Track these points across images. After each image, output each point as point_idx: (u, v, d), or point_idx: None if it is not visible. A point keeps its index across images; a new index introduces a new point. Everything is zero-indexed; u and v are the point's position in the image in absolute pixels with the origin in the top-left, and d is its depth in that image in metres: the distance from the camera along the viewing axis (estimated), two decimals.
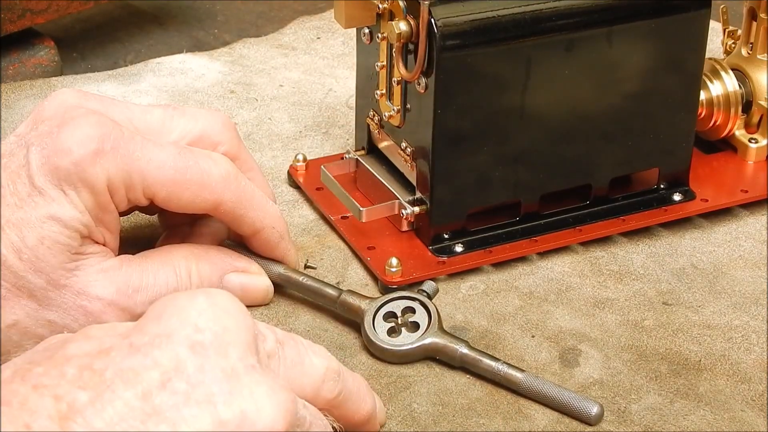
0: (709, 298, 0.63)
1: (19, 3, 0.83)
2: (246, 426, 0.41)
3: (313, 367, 0.47)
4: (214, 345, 0.42)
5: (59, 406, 0.40)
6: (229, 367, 0.42)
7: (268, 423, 0.41)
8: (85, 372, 0.41)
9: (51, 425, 0.39)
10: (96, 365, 0.41)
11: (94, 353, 0.42)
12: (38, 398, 0.40)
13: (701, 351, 0.59)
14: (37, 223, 0.54)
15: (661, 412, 0.55)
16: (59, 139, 0.54)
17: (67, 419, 0.39)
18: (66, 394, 0.40)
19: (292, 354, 0.46)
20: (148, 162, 0.55)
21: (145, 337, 0.42)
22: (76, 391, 0.40)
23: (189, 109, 0.60)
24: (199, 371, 0.41)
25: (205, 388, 0.41)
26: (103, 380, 0.40)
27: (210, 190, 0.56)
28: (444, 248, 0.64)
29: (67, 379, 0.41)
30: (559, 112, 0.64)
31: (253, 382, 0.42)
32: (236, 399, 0.41)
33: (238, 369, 0.42)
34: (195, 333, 0.42)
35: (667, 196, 0.69)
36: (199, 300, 0.43)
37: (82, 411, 0.40)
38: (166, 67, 0.83)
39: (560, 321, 0.61)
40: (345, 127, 0.77)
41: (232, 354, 0.42)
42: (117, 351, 0.42)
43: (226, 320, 0.43)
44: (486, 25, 0.61)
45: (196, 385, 0.41)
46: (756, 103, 0.72)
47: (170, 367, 0.41)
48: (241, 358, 0.42)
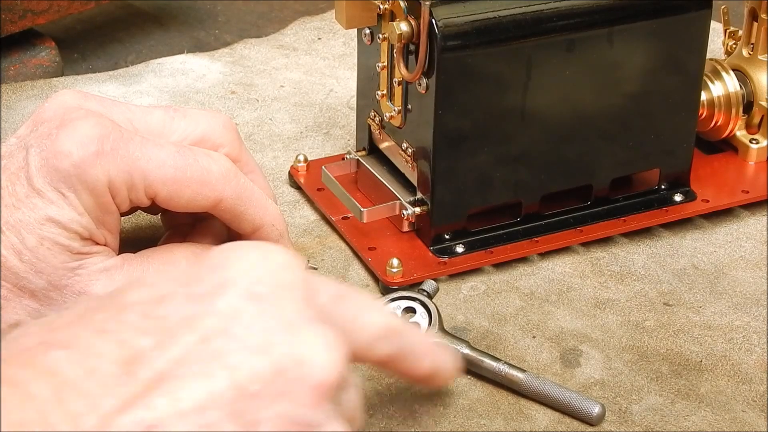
0: (710, 298, 0.63)
1: (20, 3, 0.83)
2: (302, 375, 0.42)
3: (369, 323, 0.47)
4: (271, 297, 0.43)
5: (123, 350, 0.41)
6: (286, 318, 0.43)
7: (323, 374, 0.42)
8: (146, 319, 0.42)
9: (115, 368, 0.40)
10: (157, 312, 0.42)
11: (154, 300, 0.43)
12: (102, 343, 0.41)
13: (702, 351, 0.59)
14: (36, 225, 0.54)
15: (662, 412, 0.55)
16: (58, 142, 0.54)
17: (131, 363, 0.40)
18: (129, 339, 0.41)
19: (349, 308, 0.47)
20: (148, 161, 0.55)
21: (204, 286, 0.43)
22: (139, 336, 0.41)
23: (190, 111, 0.60)
24: (256, 320, 0.42)
25: (263, 336, 0.42)
26: (164, 326, 0.42)
27: (210, 187, 0.57)
28: (445, 249, 0.64)
29: (129, 325, 0.42)
30: (560, 113, 0.64)
31: (310, 333, 0.43)
32: (293, 348, 0.42)
33: (295, 320, 0.43)
34: (253, 284, 0.43)
35: (668, 196, 0.69)
36: (256, 252, 0.44)
37: (146, 355, 0.41)
38: (167, 67, 0.84)
39: (561, 321, 0.61)
40: (346, 127, 0.77)
41: (288, 306, 0.43)
42: (177, 298, 0.43)
43: (282, 273, 0.44)
44: (487, 26, 0.61)
45: (254, 333, 0.42)
46: (757, 104, 0.72)
47: (229, 314, 0.42)
48: (298, 310, 0.43)
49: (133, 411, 0.40)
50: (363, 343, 0.47)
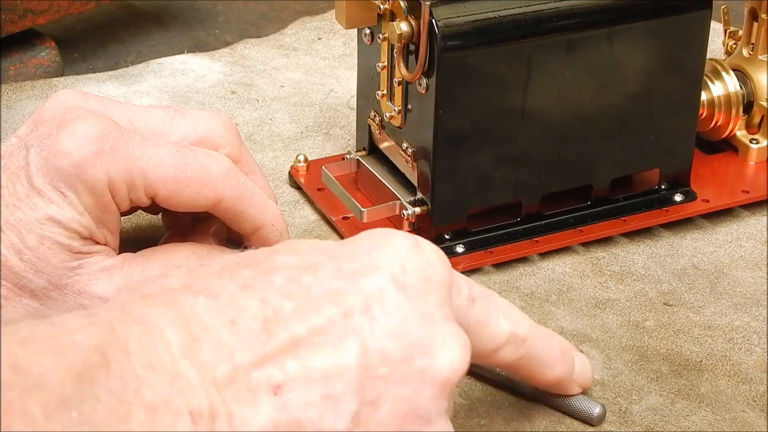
0: (710, 298, 0.63)
1: (20, 3, 0.83)
2: (429, 367, 0.43)
3: (497, 330, 0.48)
4: (416, 289, 0.44)
5: (265, 309, 0.42)
6: (427, 312, 0.44)
7: (449, 372, 0.44)
8: (292, 283, 0.43)
9: (255, 325, 0.41)
10: (303, 279, 0.43)
11: (301, 267, 0.44)
12: (246, 298, 0.42)
13: (702, 351, 0.59)
14: (36, 225, 0.54)
15: (662, 412, 0.55)
16: (58, 141, 0.54)
17: (270, 322, 0.42)
18: (272, 300, 0.42)
19: (480, 312, 0.48)
20: (148, 161, 0.55)
21: (354, 265, 0.44)
22: (283, 299, 0.42)
23: (190, 111, 0.60)
24: (399, 307, 0.43)
25: (402, 324, 0.43)
26: (308, 294, 0.43)
27: (210, 186, 0.57)
28: (445, 249, 0.64)
29: (274, 287, 0.43)
30: (560, 113, 0.64)
31: (446, 331, 0.44)
32: (427, 340, 0.43)
33: (436, 316, 0.44)
34: (402, 274, 0.44)
35: (668, 196, 0.69)
36: (410, 244, 0.45)
37: (287, 318, 0.42)
38: (167, 67, 0.84)
39: (561, 321, 0.61)
40: (346, 127, 0.77)
41: (431, 301, 0.44)
42: (324, 270, 0.44)
43: (429, 270, 0.45)
44: (487, 26, 0.61)
45: (394, 319, 0.43)
46: (757, 104, 0.72)
47: (374, 296, 0.43)
48: (439, 306, 0.44)
49: (264, 368, 0.41)
50: (488, 348, 0.48)
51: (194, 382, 0.40)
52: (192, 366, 0.40)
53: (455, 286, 0.46)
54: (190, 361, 0.40)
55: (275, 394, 0.41)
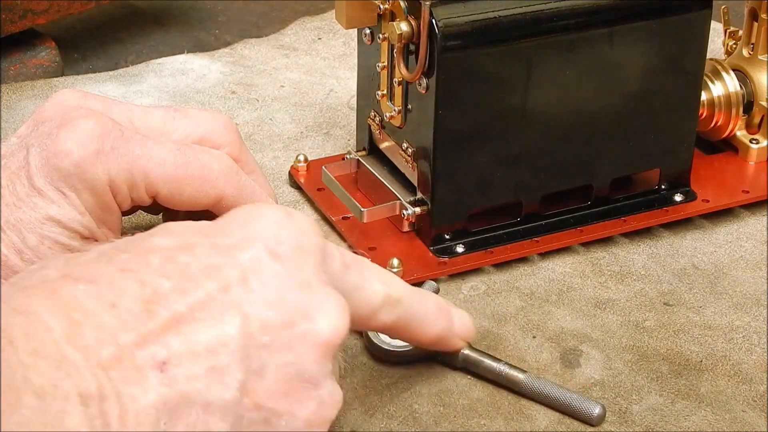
0: (711, 298, 0.63)
1: (20, 3, 0.83)
2: (310, 331, 0.44)
3: (372, 293, 0.50)
4: (291, 257, 0.45)
5: (144, 290, 0.43)
6: (304, 278, 0.45)
7: (330, 334, 0.45)
8: (169, 263, 0.44)
9: (135, 306, 0.42)
10: (180, 258, 0.44)
11: (177, 247, 0.44)
12: (124, 280, 0.43)
13: (702, 351, 0.59)
14: (36, 224, 0.54)
15: (662, 412, 0.55)
16: (59, 141, 0.54)
17: (150, 302, 0.42)
18: (151, 281, 0.43)
19: (354, 277, 0.49)
20: (149, 160, 0.55)
21: (228, 239, 0.45)
22: (161, 278, 0.43)
23: (191, 111, 0.60)
24: (275, 276, 0.44)
25: (280, 292, 0.44)
26: (186, 272, 0.43)
27: (211, 185, 0.57)
28: (445, 249, 0.64)
29: (152, 267, 0.43)
30: (560, 113, 0.64)
31: (322, 294, 0.45)
32: (305, 306, 0.45)
33: (312, 282, 0.45)
34: (276, 244, 0.45)
35: (668, 196, 0.69)
36: (281, 215, 0.46)
37: (166, 296, 0.43)
38: (168, 67, 0.84)
39: (561, 321, 0.61)
40: (346, 127, 0.77)
41: (307, 268, 0.45)
42: (200, 248, 0.44)
43: (302, 238, 0.46)
44: (487, 26, 0.61)
45: (271, 288, 0.44)
46: (757, 104, 0.72)
47: (250, 268, 0.44)
48: (314, 273, 0.45)
49: (148, 346, 0.41)
50: (365, 312, 0.50)
51: (80, 365, 0.40)
52: (76, 350, 0.40)
53: (329, 253, 0.47)
54: (74, 345, 0.40)
55: (161, 370, 0.41)
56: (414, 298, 0.52)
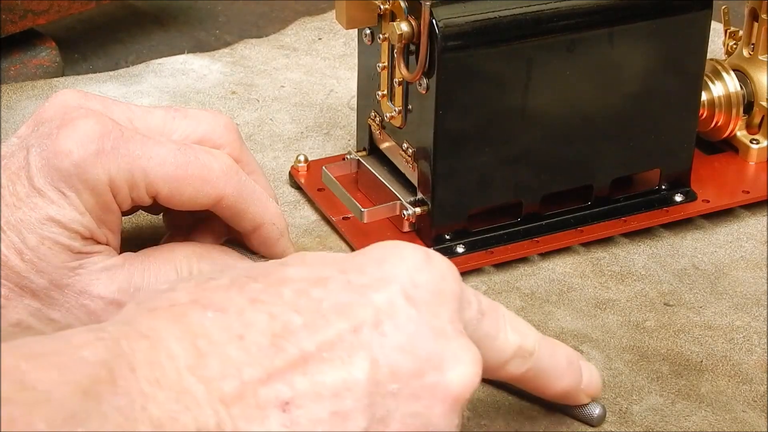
0: (711, 298, 0.63)
1: (21, 4, 0.83)
2: (440, 383, 0.43)
3: (505, 343, 0.48)
4: (427, 303, 0.44)
5: (273, 324, 0.41)
6: (439, 326, 0.43)
7: (461, 387, 0.43)
8: (302, 297, 0.42)
9: (263, 340, 0.41)
10: (313, 293, 0.42)
11: (311, 280, 0.43)
12: (254, 312, 0.41)
13: (703, 352, 0.59)
14: (36, 225, 0.54)
15: (662, 412, 0.55)
16: (59, 141, 0.54)
17: (279, 337, 0.41)
18: (281, 314, 0.42)
19: (489, 326, 0.47)
20: (149, 159, 0.55)
21: (364, 278, 0.43)
22: (292, 313, 0.42)
23: (191, 111, 0.60)
24: (409, 321, 0.43)
25: (412, 339, 0.43)
26: (318, 308, 0.42)
27: (212, 184, 0.57)
28: (445, 249, 0.64)
29: (283, 300, 0.42)
30: (560, 113, 0.64)
31: (457, 345, 0.44)
32: (438, 356, 0.43)
33: (447, 331, 0.44)
34: (413, 287, 0.44)
35: (669, 196, 0.69)
36: (420, 257, 0.45)
37: (295, 333, 0.41)
38: (168, 67, 0.84)
39: (562, 322, 0.61)
40: (346, 127, 0.77)
41: (442, 315, 0.44)
42: (334, 284, 0.43)
43: (441, 283, 0.44)
44: (487, 26, 0.61)
45: (404, 333, 0.43)
46: (757, 104, 0.72)
47: (384, 310, 0.43)
48: (451, 321, 0.44)
49: (273, 384, 0.40)
50: (496, 362, 0.48)
51: (201, 398, 0.39)
52: (199, 381, 0.39)
53: (465, 300, 0.46)
54: (197, 376, 0.40)
55: (284, 410, 0.40)
56: (546, 351, 0.50)
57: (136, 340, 0.40)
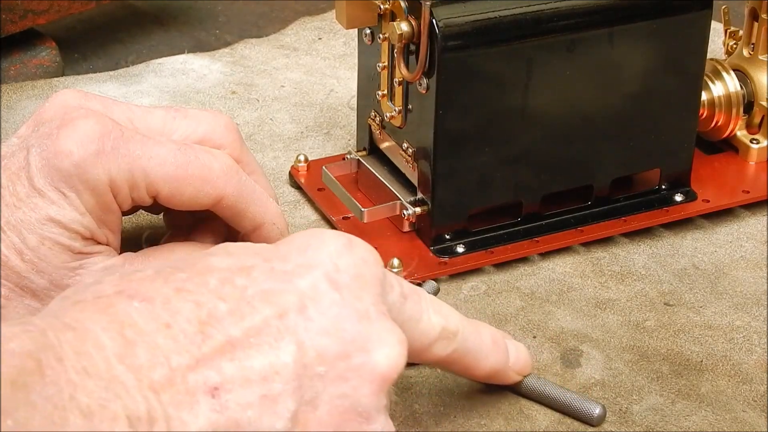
0: (711, 298, 0.63)
1: (21, 3, 0.83)
2: (367, 366, 0.44)
3: (429, 325, 0.49)
4: (350, 287, 0.44)
5: (200, 312, 0.42)
6: (363, 309, 0.44)
7: (387, 368, 0.44)
8: (226, 285, 0.43)
9: (190, 327, 0.41)
10: (237, 281, 0.43)
11: (235, 269, 0.44)
12: (180, 301, 0.42)
13: (703, 352, 0.59)
14: (36, 225, 0.54)
15: (662, 412, 0.55)
16: (59, 141, 0.54)
17: (206, 325, 0.42)
18: (207, 302, 0.42)
19: (412, 309, 0.48)
20: (149, 159, 0.55)
21: (287, 265, 0.44)
22: (217, 301, 0.42)
23: (191, 111, 0.60)
24: (333, 305, 0.44)
25: (337, 322, 0.43)
26: (243, 296, 0.43)
27: (212, 184, 0.57)
28: (445, 249, 0.64)
29: (208, 289, 0.43)
30: (560, 113, 0.64)
31: (382, 327, 0.44)
32: (363, 337, 0.44)
33: (371, 313, 0.44)
34: (335, 272, 0.44)
35: (669, 196, 0.69)
36: (342, 242, 0.45)
37: (222, 320, 0.42)
38: (168, 67, 0.84)
39: (562, 321, 0.61)
40: (346, 127, 0.77)
41: (366, 298, 0.44)
42: (258, 272, 0.44)
43: (363, 267, 0.45)
44: (487, 26, 0.61)
45: (329, 317, 0.43)
46: (757, 104, 0.72)
47: (308, 295, 0.43)
48: (374, 304, 0.45)
49: (201, 370, 0.41)
50: (421, 344, 0.49)
51: (131, 386, 0.39)
52: (128, 370, 0.40)
53: (387, 284, 0.47)
54: (126, 365, 0.40)
55: (213, 396, 0.41)
56: (470, 332, 0.51)
57: (63, 331, 0.40)
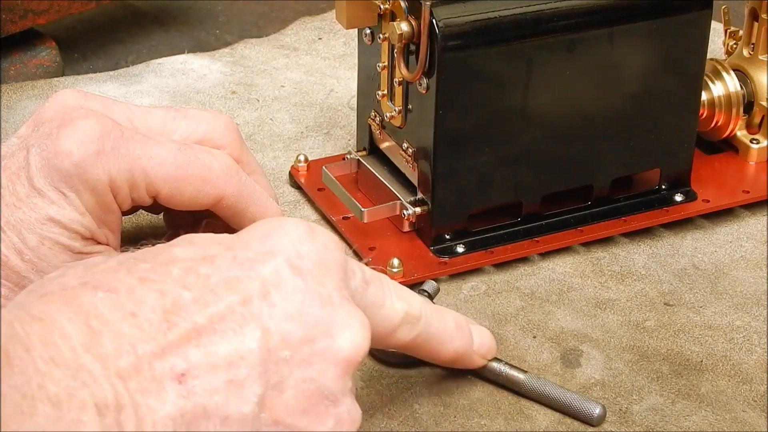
0: (711, 298, 0.63)
1: (21, 3, 0.83)
2: (331, 350, 0.44)
3: (392, 311, 0.49)
4: (312, 272, 0.45)
5: (164, 300, 0.42)
6: (325, 294, 0.45)
7: (351, 351, 0.45)
8: (190, 274, 0.43)
9: (155, 316, 0.42)
10: (200, 270, 0.44)
11: (198, 258, 0.44)
12: (145, 290, 0.43)
13: (703, 351, 0.59)
14: (36, 225, 0.54)
15: (662, 412, 0.55)
16: (59, 141, 0.54)
17: (170, 313, 0.42)
18: (171, 291, 0.43)
19: (375, 294, 0.49)
20: (149, 159, 0.55)
21: (249, 253, 0.45)
22: (181, 289, 0.43)
23: (191, 111, 0.60)
24: (296, 291, 0.44)
25: (300, 307, 0.44)
26: (207, 284, 0.43)
27: (212, 184, 0.57)
28: (445, 249, 0.64)
29: (172, 278, 0.43)
30: (560, 113, 0.64)
31: (344, 310, 0.45)
32: (326, 321, 0.44)
33: (333, 297, 0.45)
34: (297, 258, 0.45)
35: (669, 196, 0.69)
36: (303, 229, 0.46)
37: (186, 307, 0.42)
38: (168, 67, 0.84)
39: (562, 321, 0.61)
40: (346, 127, 0.77)
41: (328, 284, 0.45)
42: (221, 260, 0.44)
43: (324, 253, 0.46)
44: (487, 26, 0.61)
45: (292, 302, 0.44)
46: (757, 104, 0.72)
47: (271, 281, 0.44)
48: (337, 289, 0.45)
49: (167, 357, 0.41)
50: (385, 329, 0.49)
51: (98, 375, 0.40)
52: (94, 359, 0.40)
53: (350, 269, 0.47)
54: (92, 354, 0.40)
55: (180, 382, 0.41)
56: (433, 316, 0.52)
57: (30, 323, 0.40)
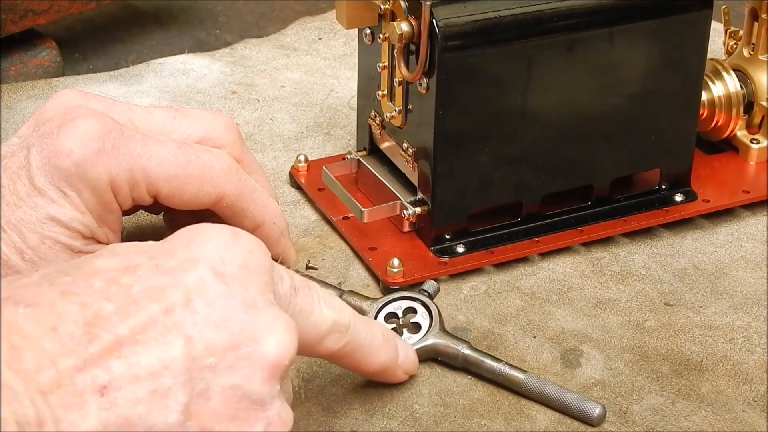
0: (711, 298, 0.63)
1: (21, 3, 0.83)
2: (256, 353, 0.44)
3: (321, 318, 0.49)
4: (236, 277, 0.45)
5: (85, 313, 0.42)
6: (249, 298, 0.45)
7: (276, 355, 0.44)
8: (112, 285, 0.43)
9: (76, 329, 0.42)
10: (123, 280, 0.43)
11: (120, 269, 0.44)
12: (66, 304, 0.42)
13: (703, 352, 0.59)
14: (37, 224, 0.54)
15: (662, 412, 0.55)
16: (59, 141, 0.54)
17: (92, 325, 0.42)
18: (92, 303, 0.42)
19: (303, 301, 0.49)
20: (149, 159, 0.55)
21: (171, 261, 0.45)
22: (103, 301, 0.43)
23: (191, 111, 0.60)
24: (220, 297, 0.44)
25: (224, 313, 0.44)
26: (128, 294, 0.43)
27: (213, 183, 0.57)
28: (445, 249, 0.64)
29: (94, 290, 0.43)
30: (560, 113, 0.64)
31: (269, 315, 0.45)
32: (251, 327, 0.44)
33: (258, 302, 0.45)
34: (220, 264, 0.45)
35: (669, 196, 0.69)
36: (226, 235, 0.46)
37: (108, 319, 0.42)
38: (168, 67, 0.84)
39: (562, 322, 0.61)
40: (347, 127, 0.77)
41: (252, 288, 0.45)
42: (144, 270, 0.44)
43: (248, 257, 0.46)
44: (488, 26, 0.61)
45: (216, 309, 0.44)
46: (757, 104, 0.72)
47: (194, 289, 0.44)
48: (261, 293, 0.45)
49: (89, 371, 0.41)
50: (313, 337, 0.49)
51: (19, 391, 0.40)
52: (15, 375, 0.40)
53: (277, 275, 0.47)
54: (13, 370, 0.40)
55: (102, 394, 0.41)
56: (362, 327, 0.52)
57: None
